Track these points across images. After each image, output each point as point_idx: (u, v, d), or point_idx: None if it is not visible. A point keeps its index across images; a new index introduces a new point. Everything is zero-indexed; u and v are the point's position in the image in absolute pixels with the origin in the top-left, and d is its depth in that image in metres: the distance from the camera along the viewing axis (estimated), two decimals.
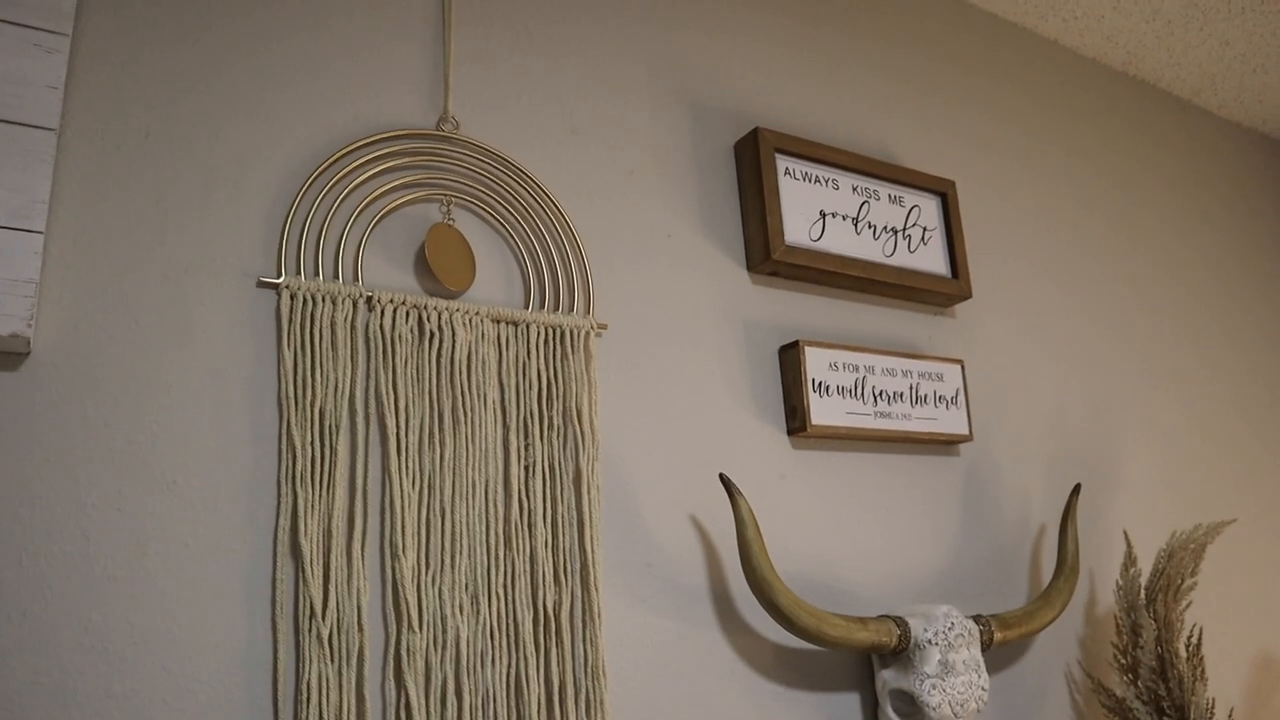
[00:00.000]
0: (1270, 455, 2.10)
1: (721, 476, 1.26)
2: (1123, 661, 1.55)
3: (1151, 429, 1.90)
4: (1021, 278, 1.81)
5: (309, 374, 1.11)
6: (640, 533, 1.28)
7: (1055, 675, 1.61)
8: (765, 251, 1.45)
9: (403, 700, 1.08)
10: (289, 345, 1.11)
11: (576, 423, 1.25)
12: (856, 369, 1.47)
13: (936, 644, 1.32)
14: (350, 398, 1.14)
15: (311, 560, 1.07)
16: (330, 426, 1.11)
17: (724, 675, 1.29)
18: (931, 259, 1.63)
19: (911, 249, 1.61)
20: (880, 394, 1.49)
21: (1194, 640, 1.54)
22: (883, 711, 1.36)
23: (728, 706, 1.28)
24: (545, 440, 1.24)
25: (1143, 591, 1.55)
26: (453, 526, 1.15)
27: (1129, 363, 1.91)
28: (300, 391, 1.11)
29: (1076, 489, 1.60)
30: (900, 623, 1.33)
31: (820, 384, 1.43)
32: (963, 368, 1.59)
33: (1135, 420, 1.87)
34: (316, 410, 1.11)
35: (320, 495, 1.09)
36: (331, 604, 1.06)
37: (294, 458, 1.08)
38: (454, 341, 1.20)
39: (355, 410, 1.14)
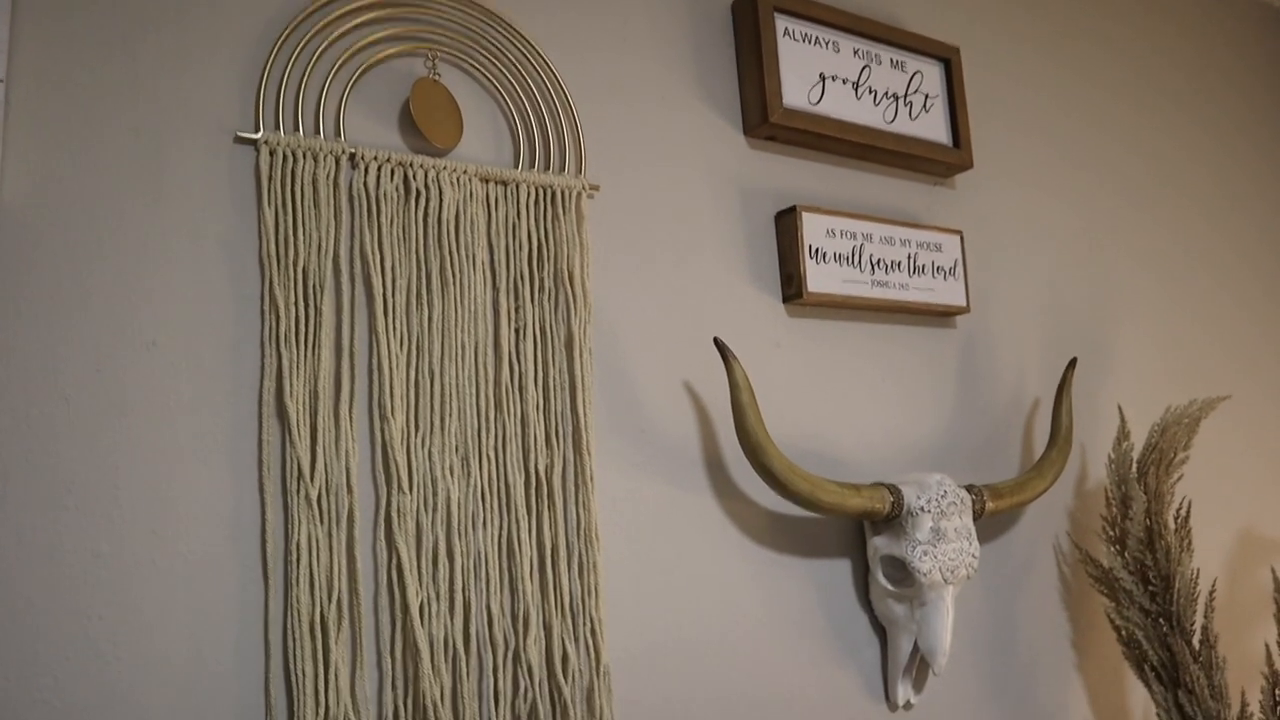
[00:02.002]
0: (1265, 335, 2.09)
1: (716, 340, 1.24)
2: (1110, 533, 1.56)
3: (1148, 307, 1.88)
4: (1023, 151, 1.76)
5: (290, 233, 1.08)
6: (632, 398, 1.26)
7: (1044, 547, 1.62)
8: (763, 114, 1.40)
9: (394, 561, 1.07)
10: (269, 203, 1.07)
11: (568, 285, 1.22)
12: (854, 237, 1.44)
13: (929, 511, 1.32)
14: (334, 257, 1.10)
15: (298, 422, 1.05)
16: (314, 287, 1.08)
17: (716, 541, 1.29)
18: (933, 127, 1.58)
19: (913, 116, 1.56)
20: (878, 263, 1.46)
21: (1183, 513, 1.54)
22: (873, 577, 1.37)
23: (720, 571, 1.28)
24: (536, 303, 1.21)
25: (1134, 465, 1.55)
26: (442, 389, 1.13)
27: (1127, 240, 1.88)
28: (282, 251, 1.07)
29: (1072, 363, 1.59)
30: (893, 490, 1.32)
31: (817, 251, 1.40)
32: (961, 239, 1.56)
33: (1132, 298, 1.85)
34: (299, 270, 1.08)
35: (305, 356, 1.07)
36: (319, 466, 1.05)
37: (277, 318, 1.05)
38: (441, 201, 1.16)
39: (340, 270, 1.10)
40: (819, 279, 1.39)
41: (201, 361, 1.03)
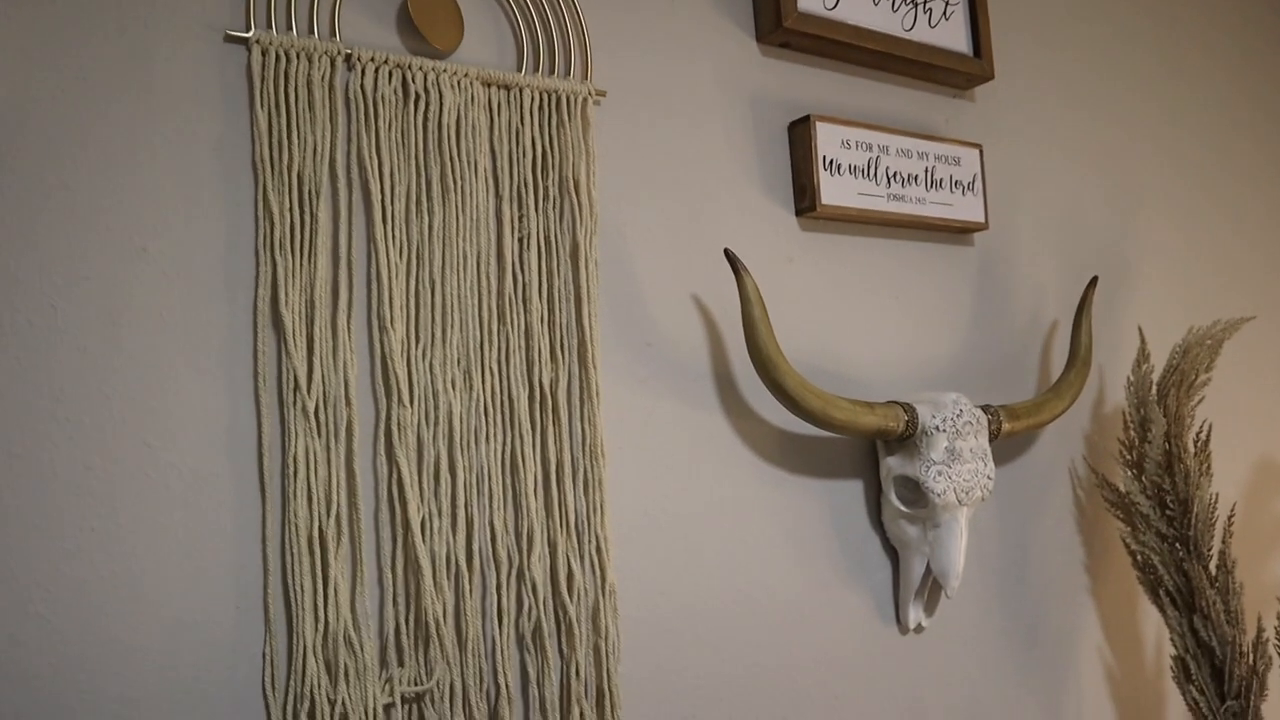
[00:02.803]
0: None
1: (727, 252, 1.20)
2: (1128, 457, 1.53)
3: (1170, 227, 1.82)
4: (1047, 63, 1.69)
5: (285, 136, 1.03)
6: (640, 311, 1.22)
7: (1059, 471, 1.59)
8: (776, 19, 1.34)
9: (394, 476, 1.05)
10: (262, 106, 1.02)
11: (573, 194, 1.17)
12: (870, 148, 1.39)
13: (944, 430, 1.29)
14: (330, 162, 1.06)
15: (294, 331, 1.01)
16: (310, 192, 1.04)
17: (725, 459, 1.26)
18: (953, 36, 1.51)
19: (932, 24, 1.49)
20: (894, 176, 1.41)
21: (1203, 436, 1.51)
22: (886, 499, 1.34)
23: (728, 490, 1.26)
24: (540, 212, 1.16)
25: (1154, 387, 1.51)
26: (443, 299, 1.09)
27: (1151, 159, 1.81)
28: (276, 155, 1.03)
29: (1093, 282, 1.54)
30: (908, 408, 1.29)
31: (831, 162, 1.35)
32: (981, 153, 1.50)
33: (1154, 217, 1.80)
34: (294, 175, 1.03)
35: (301, 264, 1.03)
36: (317, 377, 1.01)
37: (272, 224, 1.01)
38: (441, 105, 1.11)
39: (336, 176, 1.06)
40: (833, 191, 1.34)
41: (193, 268, 0.99)
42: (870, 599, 1.36)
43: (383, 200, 1.07)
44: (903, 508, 1.32)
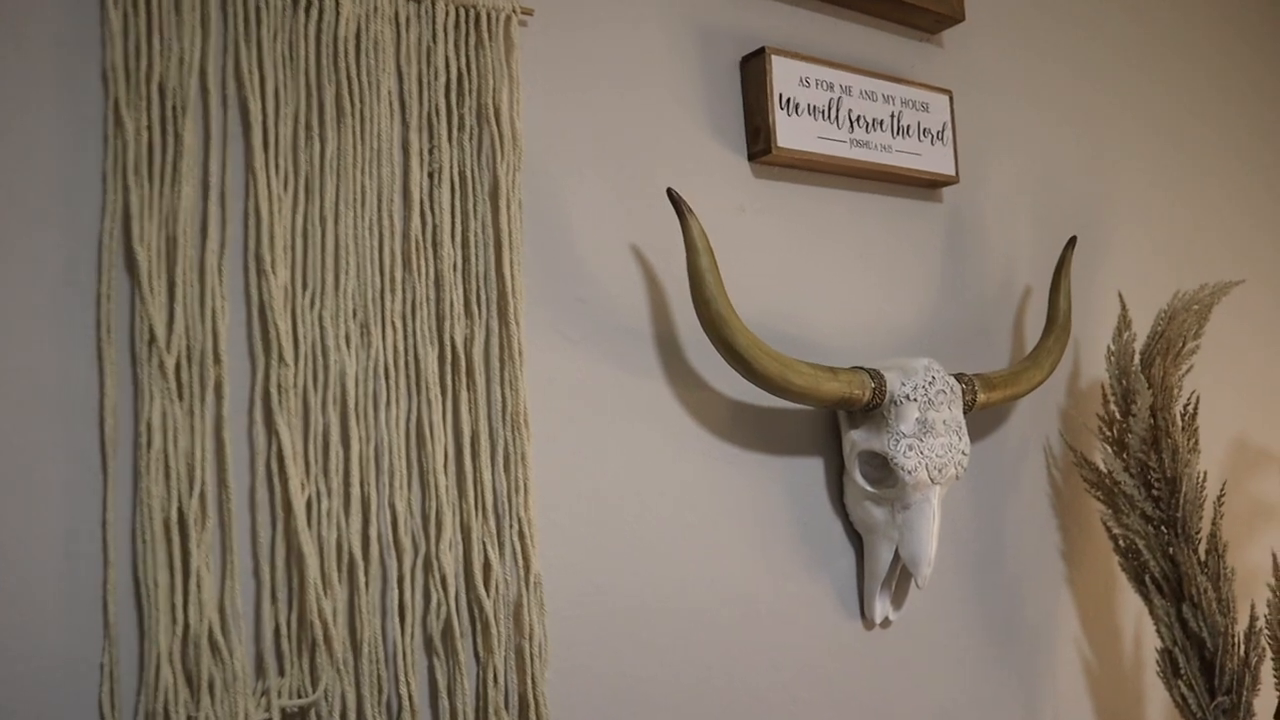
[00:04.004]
0: (1276, 219, 1.92)
1: (670, 192, 1.04)
2: (1108, 433, 1.40)
3: (1153, 186, 1.70)
4: (1021, 10, 1.56)
5: (143, 40, 0.86)
6: (572, 262, 1.06)
7: (1033, 449, 1.46)
8: None
9: (274, 448, 0.88)
10: (115, 2, 0.85)
11: (494, 124, 1.01)
12: (831, 88, 1.24)
13: (915, 400, 1.14)
14: (200, 74, 0.89)
15: (150, 274, 0.84)
16: (174, 108, 0.87)
17: (668, 432, 1.10)
18: None
19: None
20: (857, 119, 1.26)
21: (1191, 408, 1.38)
22: (849, 477, 1.20)
23: (672, 468, 1.10)
24: (455, 143, 1.00)
25: (1137, 356, 1.39)
26: (336, 240, 0.93)
27: (1132, 114, 1.69)
28: (133, 62, 0.85)
29: (1072, 242, 1.41)
30: (875, 375, 1.14)
31: (789, 101, 1.20)
32: (951, 99, 1.36)
33: (1136, 176, 1.67)
34: (154, 86, 0.86)
35: (160, 193, 0.85)
36: (178, 328, 0.84)
37: (124, 144, 0.84)
38: (338, 15, 0.95)
39: (208, 91, 0.89)
40: (790, 133, 1.19)
41: (26, 196, 0.81)
42: (832, 590, 1.21)
43: (264, 122, 0.90)
44: (868, 487, 1.18)
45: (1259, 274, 1.84)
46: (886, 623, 1.25)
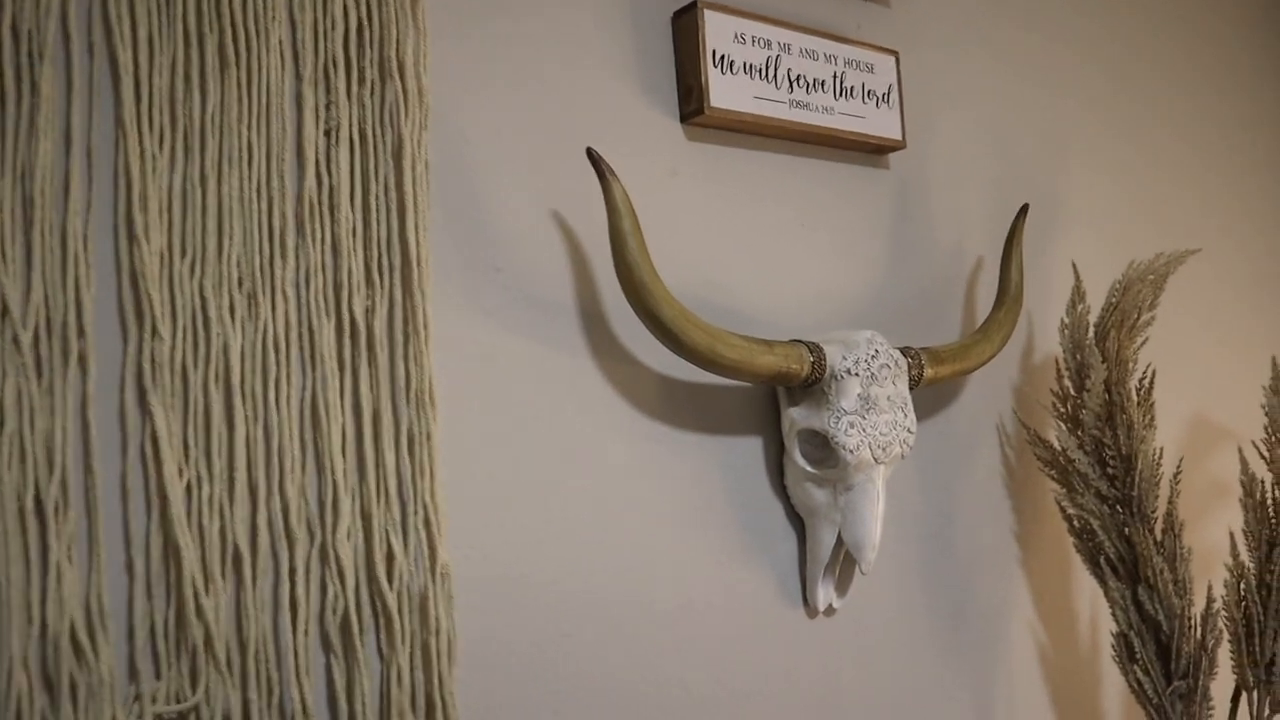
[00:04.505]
0: (1231, 186, 1.87)
1: (590, 152, 0.97)
2: (1062, 410, 1.34)
3: (1111, 151, 1.63)
4: None
5: None
6: (487, 228, 0.99)
7: (985, 428, 1.40)
8: None
9: (148, 429, 0.80)
10: None
11: (398, 79, 0.93)
12: (769, 45, 1.17)
13: (857, 374, 1.08)
14: (62, 18, 0.80)
15: (3, 237, 0.76)
16: (30, 54, 0.78)
17: (593, 410, 1.03)
18: None
19: None
20: (797, 79, 1.19)
21: (1147, 382, 1.33)
22: (789, 458, 1.13)
23: (596, 448, 1.03)
24: (355, 99, 0.92)
25: (1091, 329, 1.33)
26: (219, 201, 0.85)
27: (1090, 77, 1.63)
28: None
29: (1024, 210, 1.35)
30: (814, 348, 1.08)
31: (723, 58, 1.13)
32: (897, 60, 1.29)
33: (1092, 142, 1.61)
34: (6, 28, 0.77)
35: (14, 147, 0.77)
36: (35, 298, 0.76)
37: None
38: None
39: (70, 37, 0.80)
40: (724, 92, 1.12)
41: None
42: (772, 577, 1.15)
43: (137, 73, 0.82)
44: (809, 468, 1.11)
45: (1221, 242, 1.80)
46: (830, 610, 1.19)
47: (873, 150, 1.30)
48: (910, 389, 1.16)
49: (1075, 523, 1.32)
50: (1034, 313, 1.47)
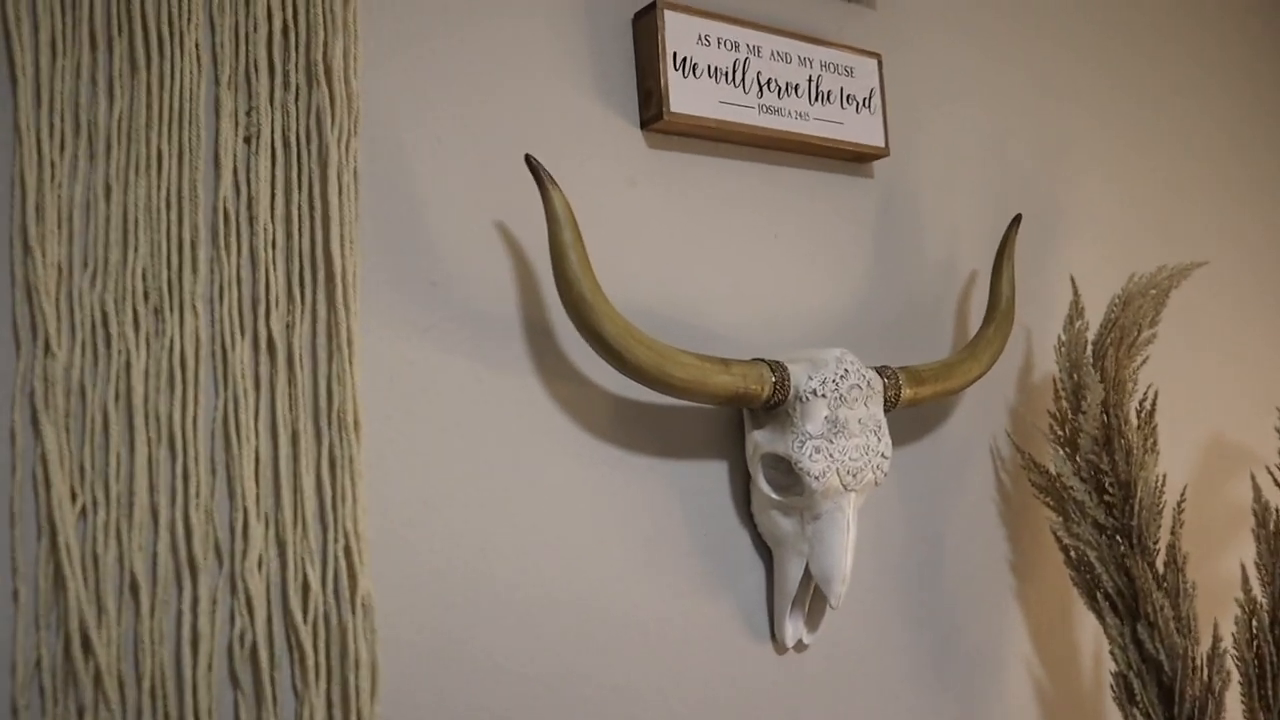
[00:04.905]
0: (1239, 199, 1.78)
1: (528, 159, 0.91)
2: (1059, 433, 1.26)
3: (1111, 161, 1.56)
4: None
5: None
6: (423, 241, 0.94)
7: (978, 450, 1.32)
8: None
9: (38, 451, 0.75)
10: None
11: (324, 84, 0.88)
12: (736, 48, 1.11)
13: (824, 396, 1.01)
14: None
15: None
16: None
17: (542, 434, 0.98)
18: None
19: None
20: (768, 83, 1.13)
21: (1148, 404, 1.25)
22: (754, 483, 1.07)
23: (541, 472, 0.97)
24: (278, 105, 0.88)
25: (1089, 347, 1.25)
26: (124, 210, 0.81)
27: (1090, 79, 1.55)
28: None
29: (1016, 220, 1.28)
30: (776, 367, 1.02)
31: (685, 61, 1.07)
32: (880, 63, 1.23)
33: (1091, 148, 1.53)
34: None
35: None
36: None
37: None
38: None
39: None
40: (686, 97, 1.07)
41: None
42: (737, 610, 1.08)
43: (36, 75, 0.79)
44: (774, 495, 1.05)
45: (1229, 255, 1.70)
46: (801, 646, 1.12)
47: (853, 158, 1.23)
48: (886, 411, 1.09)
49: (1072, 554, 1.24)
50: (1033, 329, 1.40)
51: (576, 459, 1.00)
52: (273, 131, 0.87)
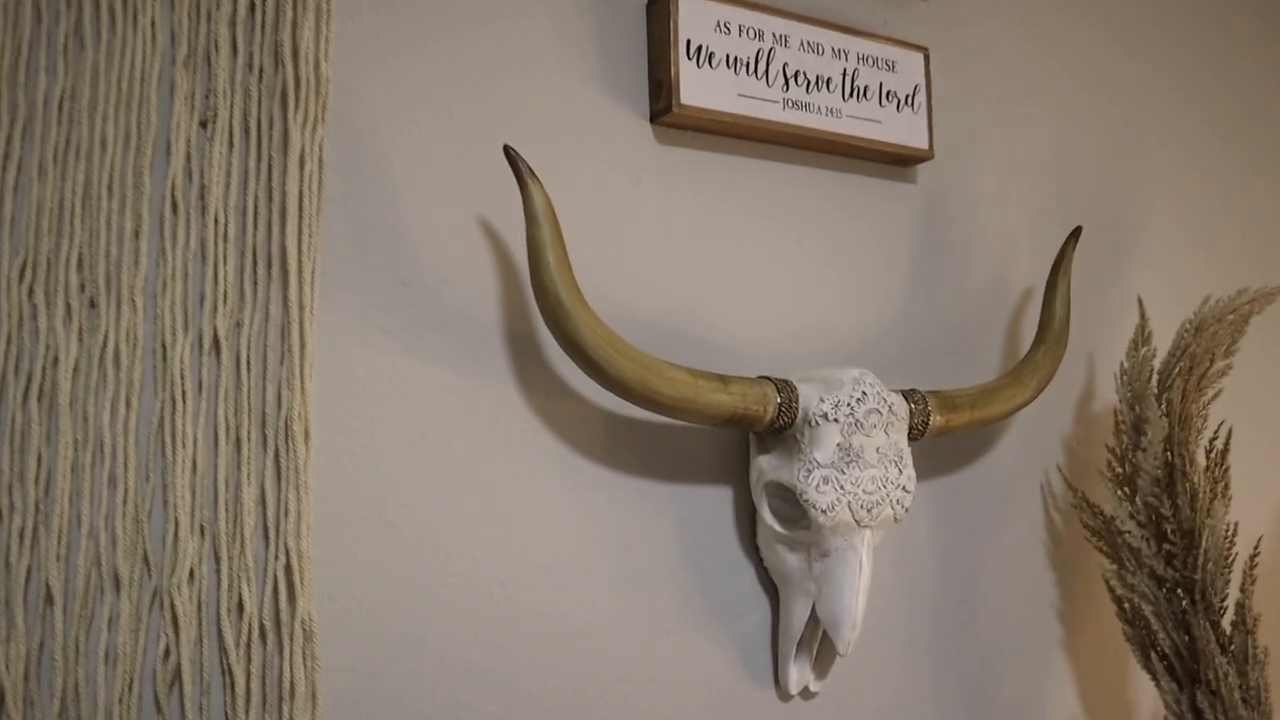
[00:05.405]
0: None
1: (507, 150, 0.84)
2: (1117, 471, 1.14)
3: (1188, 170, 1.41)
4: None
5: None
6: (396, 237, 0.87)
7: (1027, 486, 1.20)
8: None
9: None
10: None
11: (290, 66, 0.82)
12: (760, 36, 1.02)
13: (836, 420, 0.91)
14: None
15: None
16: None
17: (522, 451, 0.90)
18: None
19: None
20: (795, 76, 1.04)
21: (1220, 444, 1.11)
22: (760, 514, 0.97)
23: (525, 497, 0.89)
24: (239, 87, 0.82)
25: (1155, 376, 1.12)
26: (61, 196, 0.75)
27: (1158, 93, 1.40)
28: None
29: (1075, 234, 1.15)
30: (784, 387, 0.92)
31: (701, 49, 0.98)
32: (927, 58, 1.12)
33: (1166, 156, 1.38)
34: None
35: None
36: None
37: None
38: None
39: None
40: (699, 88, 0.98)
41: None
42: (735, 652, 0.99)
43: None
44: (779, 528, 0.95)
45: None
46: (807, 694, 1.01)
47: (892, 160, 1.13)
48: (914, 439, 0.98)
49: (1126, 606, 1.11)
50: (1096, 355, 1.26)
51: (560, 479, 0.91)
52: (231, 115, 0.81)
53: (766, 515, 0.95)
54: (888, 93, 1.10)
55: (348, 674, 0.81)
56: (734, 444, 1.01)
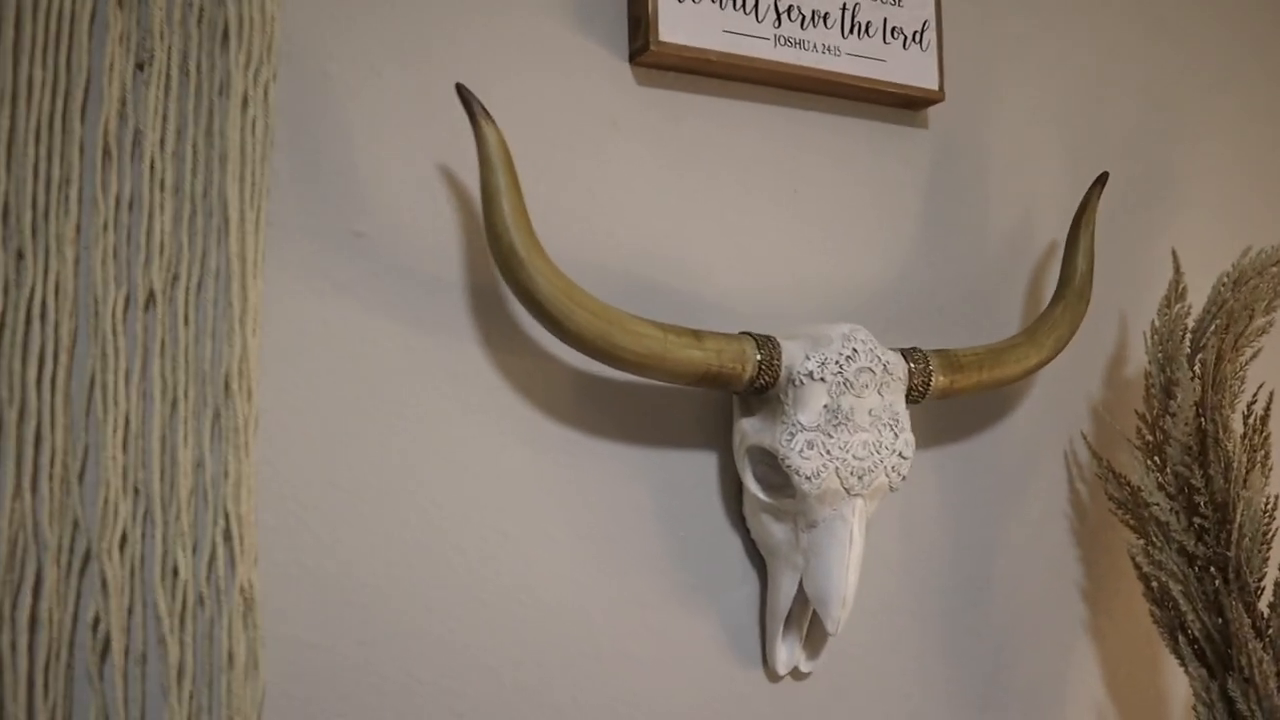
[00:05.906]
0: None
1: (459, 89, 0.78)
2: (1146, 438, 1.05)
3: (1224, 124, 1.30)
4: None
5: None
6: (349, 186, 0.82)
7: (1049, 454, 1.12)
8: None
9: None
10: None
11: (232, 2, 0.77)
12: None
13: (822, 380, 0.85)
14: None
15: None
16: None
17: (483, 412, 0.85)
18: None
19: None
20: (788, 11, 0.96)
21: (1259, 409, 1.02)
22: (744, 481, 0.91)
23: (481, 456, 0.84)
24: (178, 26, 0.77)
25: (1188, 335, 1.03)
26: None
27: (1200, 30, 1.29)
28: None
29: (1101, 180, 1.07)
30: (765, 344, 0.85)
31: None
32: None
33: (1202, 109, 1.28)
34: None
35: None
36: None
37: None
38: None
39: None
40: (680, 24, 0.91)
41: None
42: (719, 629, 0.93)
43: None
44: (763, 496, 0.89)
45: None
46: (798, 674, 0.96)
47: (899, 103, 1.05)
48: (913, 401, 0.91)
49: (1153, 585, 1.03)
50: (1129, 314, 1.18)
51: (524, 441, 0.86)
52: (169, 56, 0.77)
53: (750, 482, 0.89)
54: (893, 29, 1.02)
55: (293, 644, 0.77)
56: (718, 405, 0.95)
